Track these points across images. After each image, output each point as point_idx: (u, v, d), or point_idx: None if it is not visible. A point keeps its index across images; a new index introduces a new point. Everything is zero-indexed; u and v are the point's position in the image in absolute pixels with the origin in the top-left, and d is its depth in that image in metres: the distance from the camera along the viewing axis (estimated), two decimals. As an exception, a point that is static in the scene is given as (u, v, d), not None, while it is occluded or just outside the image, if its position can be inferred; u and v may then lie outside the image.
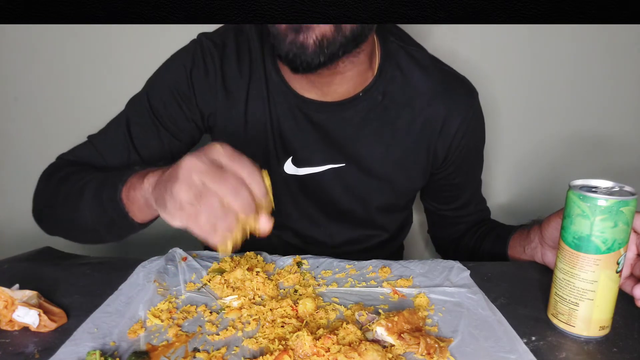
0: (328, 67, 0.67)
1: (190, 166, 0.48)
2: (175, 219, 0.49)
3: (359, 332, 0.51)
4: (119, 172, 0.65)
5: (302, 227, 0.87)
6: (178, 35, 0.82)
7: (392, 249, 0.95)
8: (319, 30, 0.62)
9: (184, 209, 0.48)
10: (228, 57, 0.78)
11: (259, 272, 0.64)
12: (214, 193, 0.47)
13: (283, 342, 0.51)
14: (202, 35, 0.81)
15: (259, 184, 0.50)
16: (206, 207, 0.47)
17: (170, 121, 0.80)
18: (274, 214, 0.59)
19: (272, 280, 0.64)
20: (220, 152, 0.50)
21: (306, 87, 0.77)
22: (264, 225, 0.50)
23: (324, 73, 0.70)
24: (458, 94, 0.82)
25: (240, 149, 0.80)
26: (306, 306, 0.57)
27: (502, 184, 1.23)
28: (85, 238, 0.76)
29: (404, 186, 0.86)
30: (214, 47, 0.79)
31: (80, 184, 0.70)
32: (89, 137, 0.82)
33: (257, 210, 0.50)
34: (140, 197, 0.59)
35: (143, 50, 1.08)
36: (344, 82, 0.75)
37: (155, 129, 0.79)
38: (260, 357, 0.48)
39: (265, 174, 0.51)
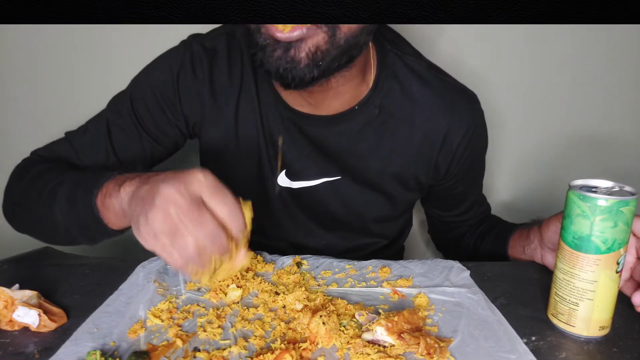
0: (321, 82, 0.64)
1: (169, 197, 0.45)
2: (148, 245, 0.47)
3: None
4: (94, 175, 0.62)
5: (297, 238, 0.84)
6: (178, 35, 0.82)
7: (391, 252, 0.94)
8: (312, 42, 0.58)
9: (158, 239, 0.46)
10: (218, 64, 0.75)
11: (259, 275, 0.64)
12: (190, 234, 0.45)
13: (285, 343, 0.51)
14: (192, 38, 0.77)
15: (238, 221, 0.48)
16: (180, 247, 0.45)
17: (153, 125, 0.76)
18: (269, 226, 0.58)
19: (268, 283, 0.64)
20: (201, 183, 0.47)
21: (299, 100, 0.74)
22: (240, 260, 0.49)
23: (315, 89, 0.68)
24: (460, 107, 0.79)
25: (232, 161, 0.78)
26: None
27: (503, 184, 1.23)
28: (57, 239, 0.73)
29: (401, 198, 0.84)
30: (204, 52, 0.75)
31: (54, 183, 0.66)
32: (67, 133, 0.79)
33: (236, 245, 0.49)
34: (117, 204, 0.56)
35: (143, 50, 1.07)
36: (337, 97, 0.73)
37: (137, 132, 0.76)
38: (261, 356, 0.48)
39: (246, 206, 0.49)
